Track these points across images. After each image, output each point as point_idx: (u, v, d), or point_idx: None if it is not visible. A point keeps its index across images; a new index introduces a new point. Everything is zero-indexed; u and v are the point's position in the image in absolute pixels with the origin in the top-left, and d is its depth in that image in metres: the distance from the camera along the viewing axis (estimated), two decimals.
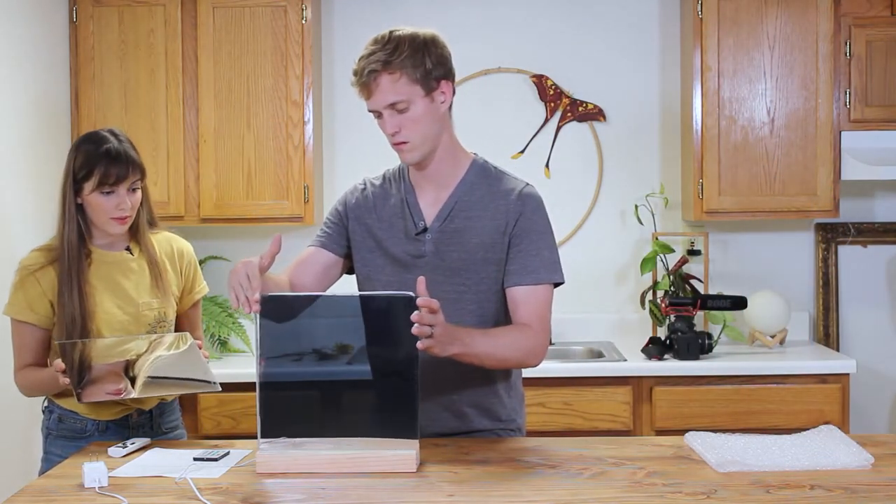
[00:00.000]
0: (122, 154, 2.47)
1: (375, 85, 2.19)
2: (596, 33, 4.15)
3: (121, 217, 2.49)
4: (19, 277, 2.52)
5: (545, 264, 2.28)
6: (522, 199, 2.30)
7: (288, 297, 2.14)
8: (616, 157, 4.16)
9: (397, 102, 2.20)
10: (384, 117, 2.23)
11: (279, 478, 2.05)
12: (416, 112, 2.21)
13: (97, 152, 2.46)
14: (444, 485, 1.98)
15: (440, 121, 2.26)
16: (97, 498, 1.95)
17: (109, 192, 2.46)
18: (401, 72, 2.18)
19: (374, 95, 2.20)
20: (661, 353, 3.62)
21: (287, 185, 3.83)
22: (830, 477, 2.00)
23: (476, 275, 2.30)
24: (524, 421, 2.51)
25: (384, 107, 2.21)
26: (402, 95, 2.19)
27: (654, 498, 1.89)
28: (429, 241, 2.31)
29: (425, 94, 2.22)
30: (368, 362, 2.11)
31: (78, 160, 2.48)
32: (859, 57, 3.78)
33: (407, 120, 2.21)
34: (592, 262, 4.16)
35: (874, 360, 4.10)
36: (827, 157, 3.80)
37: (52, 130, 3.70)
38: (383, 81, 2.18)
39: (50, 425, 2.60)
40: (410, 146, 2.24)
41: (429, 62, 2.21)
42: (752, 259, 4.15)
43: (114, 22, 3.82)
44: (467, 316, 2.28)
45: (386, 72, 2.18)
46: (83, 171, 2.46)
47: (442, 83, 2.24)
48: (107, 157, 2.45)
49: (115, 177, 2.45)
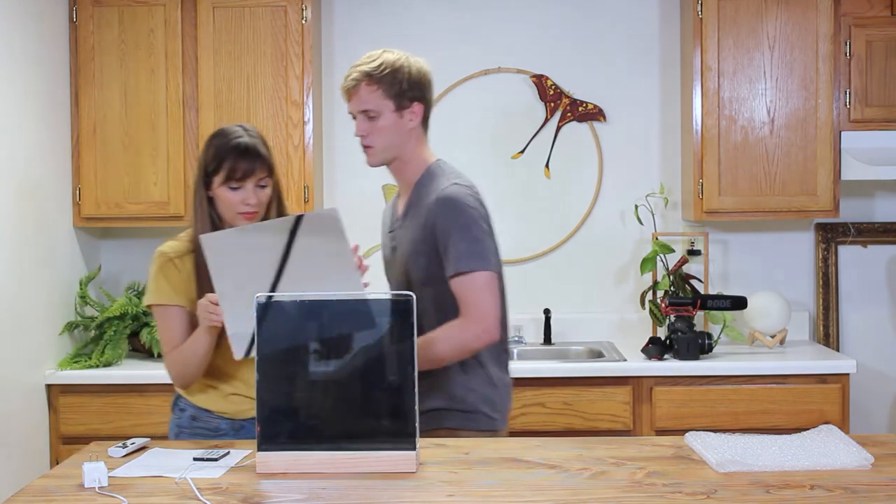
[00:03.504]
0: (252, 149, 2.45)
1: (355, 91, 2.53)
2: (596, 33, 4.15)
3: (247, 213, 2.46)
4: (158, 265, 2.51)
5: (464, 255, 2.45)
6: (439, 201, 2.49)
7: (286, 299, 2.14)
8: (616, 157, 4.16)
9: (369, 110, 2.52)
10: (357, 121, 2.55)
11: (279, 478, 2.05)
12: (384, 123, 2.52)
13: (227, 146, 2.45)
14: (444, 485, 1.98)
15: (406, 135, 2.55)
16: (97, 498, 1.95)
17: (237, 187, 2.44)
18: (378, 86, 2.50)
19: (353, 100, 2.54)
20: (661, 353, 3.62)
21: (287, 185, 3.83)
22: (830, 477, 2.00)
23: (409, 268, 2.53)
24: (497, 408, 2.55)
25: (358, 111, 2.54)
26: (374, 105, 2.51)
27: (654, 498, 1.89)
28: (395, 238, 2.63)
29: (395, 109, 2.52)
30: (367, 363, 2.11)
31: (209, 153, 2.47)
32: (859, 57, 3.78)
33: (375, 127, 2.53)
34: (592, 262, 4.16)
35: (874, 360, 4.10)
36: (827, 157, 3.80)
37: (52, 130, 3.70)
38: (362, 90, 2.52)
39: (181, 423, 2.56)
40: (373, 151, 2.56)
41: (405, 84, 2.52)
42: (752, 259, 4.15)
43: (114, 22, 3.82)
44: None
45: (366, 82, 2.51)
46: (213, 164, 2.45)
47: (414, 104, 2.54)
48: (235, 151, 2.44)
49: (243, 171, 2.44)
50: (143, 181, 3.83)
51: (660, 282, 3.91)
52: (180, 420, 2.56)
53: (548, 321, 4.04)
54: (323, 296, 2.17)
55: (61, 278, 3.73)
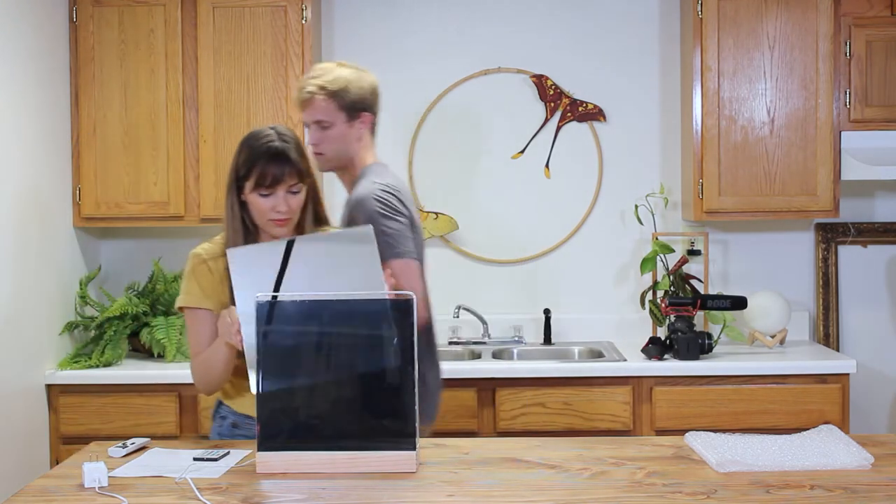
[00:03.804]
0: (283, 154, 2.39)
1: (310, 103, 2.68)
2: (596, 33, 4.15)
3: (279, 220, 2.41)
4: (190, 267, 2.48)
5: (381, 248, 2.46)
6: (350, 202, 2.64)
7: (286, 299, 2.14)
8: (616, 157, 4.16)
9: (323, 121, 2.68)
10: (310, 130, 2.71)
11: (279, 478, 2.05)
12: (336, 132, 2.69)
13: (258, 150, 2.40)
14: (444, 485, 1.98)
15: (356, 143, 2.72)
16: (97, 498, 1.95)
17: (267, 193, 2.39)
18: (332, 98, 2.67)
19: (308, 111, 2.70)
20: (661, 353, 3.62)
21: None
22: (830, 477, 2.00)
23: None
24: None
25: (312, 122, 2.70)
26: (327, 116, 2.68)
27: (654, 498, 1.89)
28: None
29: (347, 120, 2.69)
30: (367, 363, 2.11)
31: (240, 157, 2.42)
32: (859, 57, 3.78)
33: (327, 137, 2.69)
34: (592, 262, 4.16)
35: (874, 360, 4.10)
36: (827, 157, 3.80)
37: (52, 130, 3.70)
38: (317, 102, 2.68)
39: (222, 431, 2.53)
40: (325, 158, 2.72)
41: (356, 97, 2.69)
42: (752, 259, 4.15)
43: (114, 22, 3.82)
44: None
45: (320, 95, 2.67)
46: (243, 169, 2.40)
47: (363, 115, 2.71)
48: (266, 157, 2.39)
49: (272, 178, 2.38)
50: (143, 181, 3.83)
51: (660, 282, 3.91)
52: (221, 428, 2.53)
53: (548, 321, 4.04)
54: (323, 296, 2.16)
55: (61, 278, 3.73)
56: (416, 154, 4.16)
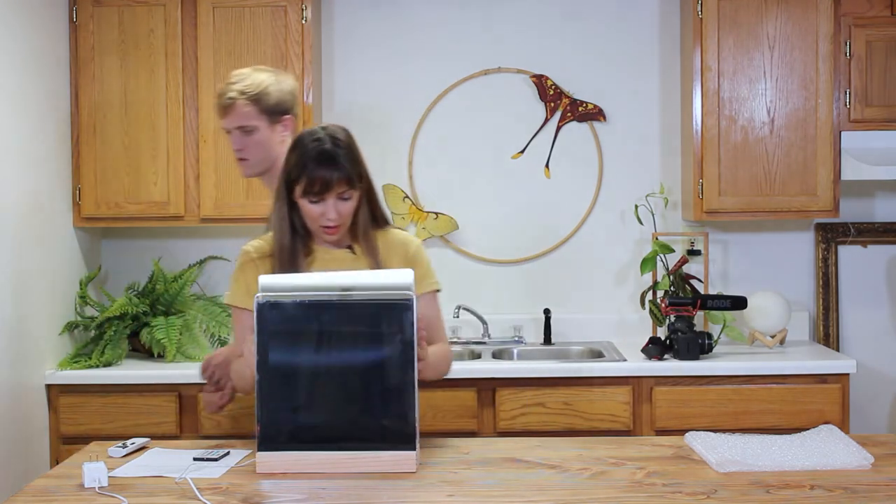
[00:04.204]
0: (331, 159, 2.29)
1: (232, 109, 2.66)
2: (596, 33, 4.15)
3: (328, 227, 2.34)
4: (239, 264, 2.44)
5: None
6: None
7: (286, 299, 2.14)
8: (616, 157, 4.16)
9: (246, 126, 2.66)
10: (233, 136, 2.69)
11: (279, 478, 2.05)
12: (259, 137, 2.68)
13: (307, 155, 2.30)
14: (444, 485, 1.98)
15: (279, 146, 2.67)
16: (97, 498, 1.95)
17: (316, 200, 2.31)
18: (253, 103, 2.65)
19: (229, 117, 2.67)
20: (661, 353, 3.62)
21: None
22: (830, 477, 2.00)
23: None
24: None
25: (234, 128, 2.67)
26: (250, 121, 2.66)
27: (654, 498, 1.89)
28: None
29: (269, 124, 2.68)
30: (367, 363, 2.11)
31: (291, 159, 2.34)
32: (859, 57, 3.78)
33: (250, 142, 2.68)
34: (592, 262, 4.16)
35: (874, 360, 4.10)
36: (827, 157, 3.80)
37: (53, 131, 3.70)
38: (238, 107, 2.66)
39: None
40: (248, 164, 2.71)
41: (276, 100, 2.68)
42: (752, 259, 4.15)
43: (114, 22, 3.82)
44: None
45: (241, 101, 2.65)
46: (294, 172, 2.32)
47: (284, 117, 2.71)
48: (314, 163, 2.29)
49: (321, 184, 2.28)
50: (143, 181, 3.83)
51: (660, 282, 3.91)
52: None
53: (548, 321, 4.04)
54: (323, 296, 2.16)
55: (61, 278, 3.73)
56: (416, 154, 4.16)
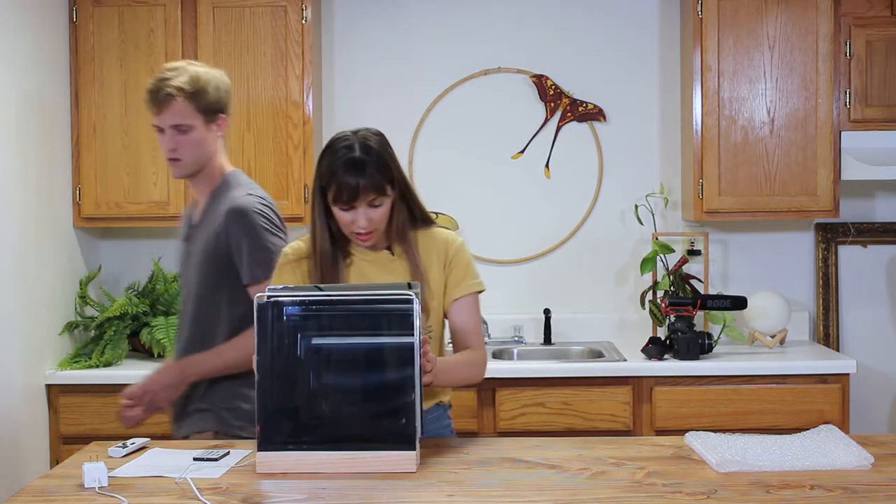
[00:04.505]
0: (361, 168, 2.23)
1: (168, 106, 2.55)
2: (596, 33, 4.15)
3: (360, 234, 2.30)
4: (278, 265, 2.43)
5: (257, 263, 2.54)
6: (231, 211, 2.56)
7: (287, 298, 2.14)
8: (616, 157, 4.16)
9: (182, 125, 2.56)
10: (166, 134, 2.58)
11: (279, 478, 2.05)
12: (196, 136, 2.58)
13: (336, 162, 2.25)
14: (444, 485, 1.98)
15: (212, 146, 2.62)
16: (97, 498, 1.95)
17: (346, 207, 2.27)
18: (191, 100, 2.55)
19: (165, 114, 2.56)
20: (661, 353, 3.62)
21: (287, 185, 3.83)
22: (830, 477, 2.00)
23: (201, 274, 2.60)
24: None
25: (169, 126, 2.57)
26: (187, 120, 2.56)
27: (654, 498, 1.89)
28: (188, 245, 2.69)
29: (205, 123, 2.59)
30: (367, 363, 2.10)
31: (321, 165, 2.28)
32: (859, 57, 3.78)
33: (185, 141, 2.58)
34: (592, 262, 4.16)
35: (874, 360, 4.10)
36: (827, 157, 3.80)
37: (53, 130, 3.70)
38: (176, 104, 2.55)
39: None
40: (182, 164, 2.61)
41: (214, 97, 2.59)
42: (752, 259, 4.15)
43: (114, 22, 3.82)
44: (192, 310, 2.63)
45: (180, 97, 2.54)
46: (324, 179, 2.27)
47: (220, 117, 2.63)
48: (342, 170, 2.23)
49: (348, 193, 2.24)
50: (143, 181, 3.83)
51: (660, 282, 3.91)
52: None
53: (548, 321, 4.04)
54: (324, 295, 2.16)
55: (61, 278, 3.73)
56: (417, 154, 4.16)
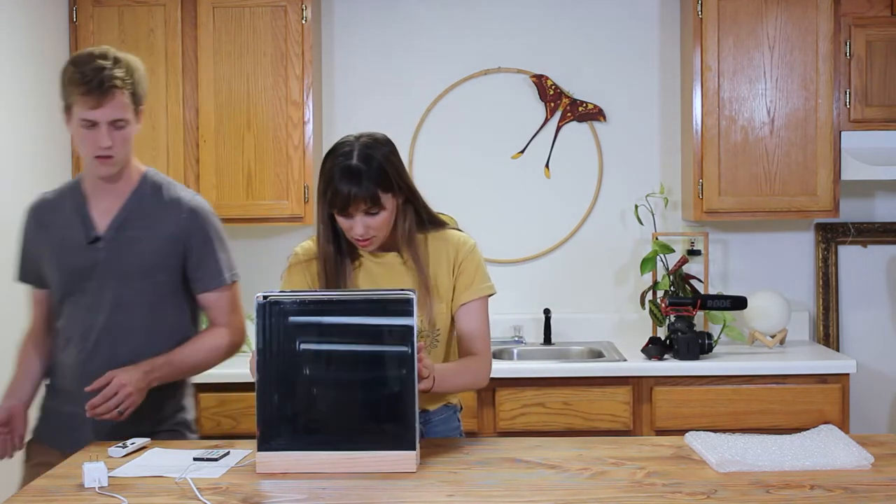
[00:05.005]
0: (356, 177, 2.19)
1: (110, 98, 2.32)
2: (596, 33, 4.15)
3: (359, 240, 2.28)
4: (288, 265, 2.41)
5: (225, 267, 2.52)
6: (192, 213, 2.49)
7: (286, 299, 2.14)
8: (616, 157, 4.16)
9: (120, 120, 2.35)
10: (100, 129, 2.34)
11: (279, 478, 2.05)
12: (129, 131, 2.39)
13: (333, 169, 2.21)
14: (444, 485, 1.98)
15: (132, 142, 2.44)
16: (97, 498, 1.95)
17: (342, 214, 2.25)
18: (130, 94, 2.37)
19: (104, 107, 2.32)
20: (661, 353, 3.62)
21: (287, 185, 3.83)
22: (830, 477, 2.00)
23: (150, 279, 2.45)
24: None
25: (109, 121, 2.34)
26: (126, 114, 2.36)
27: (654, 498, 1.89)
28: (102, 250, 2.44)
29: (135, 116, 2.41)
30: (367, 363, 2.10)
31: (324, 169, 2.25)
32: (859, 57, 3.78)
33: (120, 137, 2.36)
34: (592, 262, 4.16)
35: (874, 360, 4.10)
36: (827, 157, 3.80)
37: (52, 131, 3.70)
38: (118, 98, 2.33)
39: None
40: (114, 162, 2.39)
41: (142, 88, 2.42)
42: (752, 259, 4.15)
43: (114, 22, 3.82)
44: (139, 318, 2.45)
45: (123, 90, 2.34)
46: (322, 184, 2.24)
47: (141, 109, 2.44)
48: (338, 177, 2.20)
49: (342, 202, 2.21)
50: None
51: (660, 282, 3.91)
52: None
53: (548, 321, 4.04)
54: (324, 295, 2.16)
55: None
56: (417, 154, 4.16)
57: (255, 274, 4.06)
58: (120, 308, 2.43)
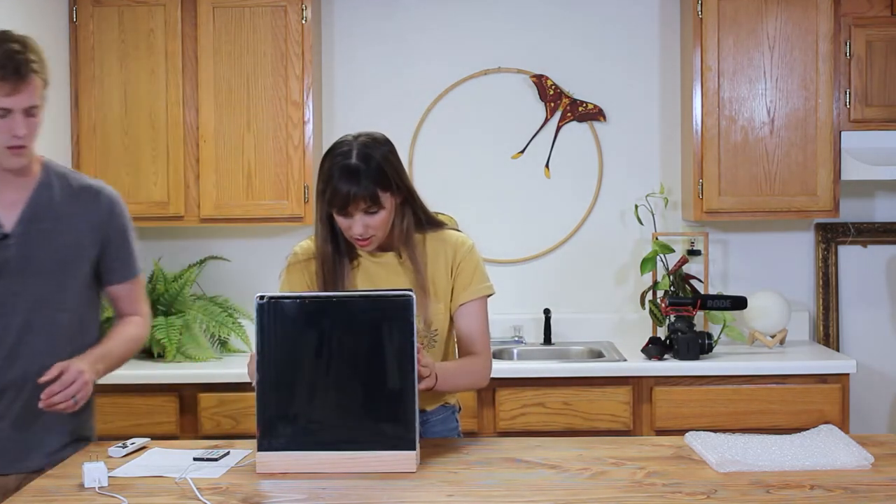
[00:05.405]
0: (354, 176, 2.19)
1: (26, 84, 2.16)
2: (596, 33, 4.15)
3: (358, 240, 2.27)
4: (287, 263, 2.40)
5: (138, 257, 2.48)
6: (112, 205, 2.38)
7: (286, 299, 2.14)
8: (616, 157, 4.16)
9: (34, 107, 2.19)
10: (15, 117, 2.17)
11: (279, 478, 2.05)
12: (40, 118, 2.23)
13: (332, 168, 2.21)
14: (444, 485, 1.98)
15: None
16: (97, 498, 1.95)
17: (341, 214, 2.24)
18: (42, 79, 2.20)
19: (21, 94, 2.15)
20: (661, 353, 3.62)
21: (287, 185, 3.83)
22: (830, 477, 2.00)
23: (69, 273, 2.33)
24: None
25: (24, 108, 2.17)
26: (40, 101, 2.20)
27: (654, 498, 1.89)
28: (12, 246, 2.26)
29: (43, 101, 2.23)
30: (367, 363, 2.10)
31: (322, 168, 2.24)
32: (859, 57, 3.78)
33: (33, 124, 2.21)
34: (592, 262, 4.16)
35: (874, 360, 4.10)
36: (827, 157, 3.80)
37: (53, 130, 3.70)
38: (33, 83, 2.17)
39: None
40: (27, 151, 2.24)
41: (48, 73, 2.24)
42: (752, 259, 4.15)
43: (114, 22, 3.82)
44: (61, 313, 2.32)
45: (38, 75, 2.19)
46: (322, 183, 2.23)
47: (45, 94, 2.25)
48: (337, 177, 2.19)
49: (341, 202, 2.20)
50: (143, 181, 3.83)
51: (660, 282, 3.91)
52: None
53: (548, 321, 4.04)
54: (323, 296, 2.16)
55: None
56: (417, 153, 4.16)
57: (255, 274, 4.07)
58: (39, 306, 2.28)
